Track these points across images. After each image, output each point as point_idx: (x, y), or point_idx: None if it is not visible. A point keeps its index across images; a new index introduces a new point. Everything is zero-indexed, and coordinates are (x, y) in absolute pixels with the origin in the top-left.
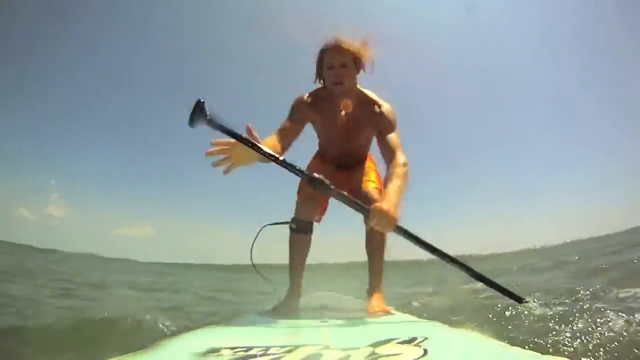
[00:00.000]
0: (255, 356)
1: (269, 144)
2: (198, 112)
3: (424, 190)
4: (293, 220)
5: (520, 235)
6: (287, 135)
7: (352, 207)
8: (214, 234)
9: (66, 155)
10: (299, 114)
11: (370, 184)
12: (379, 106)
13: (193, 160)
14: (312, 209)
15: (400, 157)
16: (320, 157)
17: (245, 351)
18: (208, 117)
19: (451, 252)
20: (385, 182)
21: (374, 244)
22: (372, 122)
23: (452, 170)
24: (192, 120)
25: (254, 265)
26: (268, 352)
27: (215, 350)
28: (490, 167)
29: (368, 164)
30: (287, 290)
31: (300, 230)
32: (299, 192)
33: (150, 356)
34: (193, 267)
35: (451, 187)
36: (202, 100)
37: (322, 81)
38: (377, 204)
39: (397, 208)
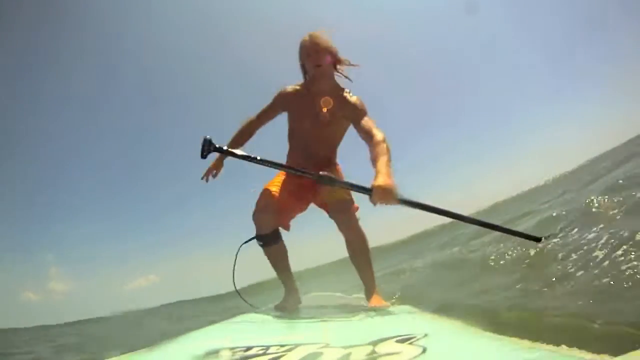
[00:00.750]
0: (254, 356)
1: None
2: (207, 146)
3: (415, 155)
4: (257, 237)
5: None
6: (257, 124)
7: (356, 190)
8: (216, 266)
9: (58, 223)
10: (275, 105)
11: (339, 195)
12: (349, 98)
13: (186, 207)
14: (269, 221)
15: (379, 134)
16: (290, 163)
17: (245, 351)
18: (218, 147)
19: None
20: (373, 160)
21: (355, 249)
22: (345, 111)
23: (442, 129)
24: (204, 154)
25: (236, 288)
26: (267, 351)
27: (214, 352)
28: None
29: (337, 174)
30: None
31: (268, 243)
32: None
33: (150, 357)
34: (204, 300)
35: (444, 146)
36: (208, 137)
37: (305, 75)
38: (375, 183)
39: (392, 180)
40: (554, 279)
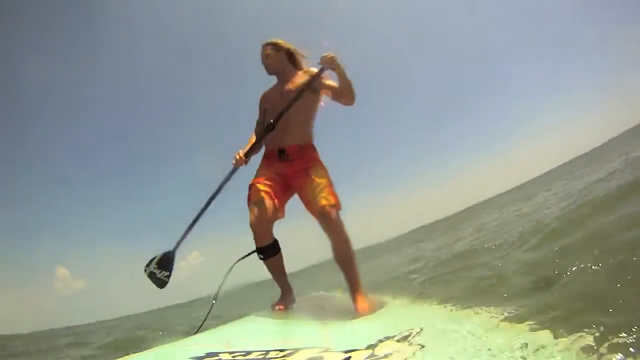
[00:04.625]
0: None
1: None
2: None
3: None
4: (257, 250)
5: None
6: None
7: (305, 87)
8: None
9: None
10: (260, 109)
11: (323, 201)
12: (310, 73)
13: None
14: (268, 229)
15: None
16: (266, 152)
17: (244, 355)
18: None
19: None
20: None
21: (339, 253)
22: (307, 81)
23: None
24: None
25: (214, 300)
26: (267, 356)
27: (214, 355)
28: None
29: (319, 171)
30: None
31: (268, 255)
32: (250, 213)
33: None
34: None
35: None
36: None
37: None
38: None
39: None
40: None
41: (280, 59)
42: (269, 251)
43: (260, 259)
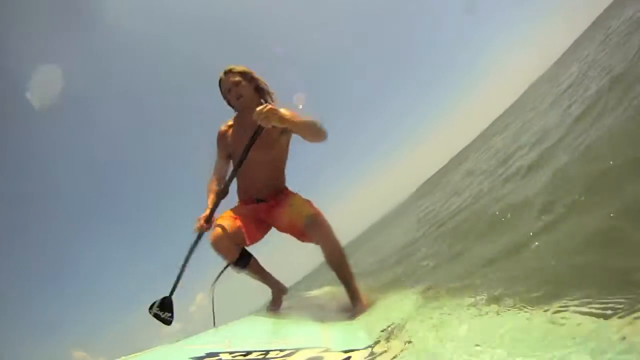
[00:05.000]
0: None
1: (213, 194)
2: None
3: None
4: (230, 266)
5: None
6: (221, 172)
7: (258, 136)
8: None
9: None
10: (220, 147)
11: (306, 212)
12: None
13: None
14: (230, 246)
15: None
16: (241, 199)
17: (244, 355)
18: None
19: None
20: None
21: (334, 260)
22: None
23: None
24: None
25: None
26: (267, 356)
27: (214, 355)
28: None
29: (294, 197)
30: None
31: (241, 267)
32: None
33: None
34: None
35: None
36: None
37: (235, 109)
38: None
39: (283, 113)
40: None
41: (252, 92)
42: (239, 264)
43: (237, 271)
